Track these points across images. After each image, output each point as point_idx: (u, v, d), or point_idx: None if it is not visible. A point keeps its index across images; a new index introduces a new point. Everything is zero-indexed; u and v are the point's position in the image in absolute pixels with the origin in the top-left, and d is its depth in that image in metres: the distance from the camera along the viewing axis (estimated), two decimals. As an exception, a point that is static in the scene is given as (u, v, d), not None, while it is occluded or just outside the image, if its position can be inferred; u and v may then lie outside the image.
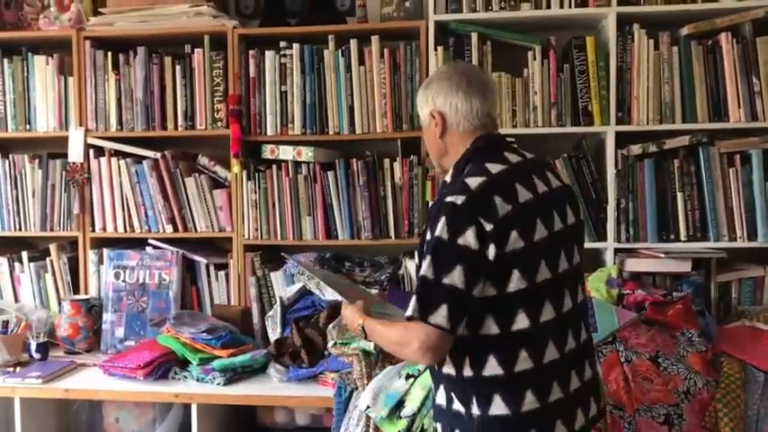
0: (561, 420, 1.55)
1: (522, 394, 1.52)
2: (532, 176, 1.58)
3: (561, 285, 1.57)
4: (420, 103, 1.72)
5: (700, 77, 2.55)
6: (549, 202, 1.58)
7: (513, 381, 1.51)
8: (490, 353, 1.51)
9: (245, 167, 2.76)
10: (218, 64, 2.78)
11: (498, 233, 1.47)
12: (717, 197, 2.54)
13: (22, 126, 2.91)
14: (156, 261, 2.83)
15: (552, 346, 1.53)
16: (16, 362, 2.57)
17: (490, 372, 1.51)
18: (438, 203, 1.53)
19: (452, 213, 1.48)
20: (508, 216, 1.48)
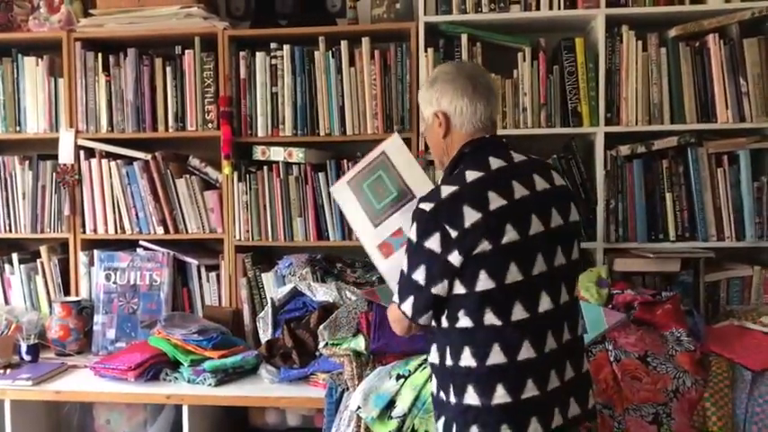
0: (537, 418, 1.59)
1: (493, 387, 1.58)
2: (511, 181, 1.62)
3: (537, 287, 1.60)
4: (423, 102, 1.78)
5: (688, 78, 2.56)
6: (530, 206, 1.61)
7: (484, 373, 1.59)
8: (465, 345, 1.60)
9: (236, 169, 2.76)
10: (208, 65, 2.78)
11: (463, 239, 1.56)
12: (705, 197, 2.56)
13: (12, 127, 2.90)
14: (147, 262, 2.83)
15: (528, 344, 1.58)
16: (7, 364, 2.57)
17: (465, 363, 1.60)
18: (415, 207, 1.66)
19: (421, 218, 1.62)
20: (476, 224, 1.56)
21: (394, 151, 1.93)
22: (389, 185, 1.93)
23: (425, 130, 1.82)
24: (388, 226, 1.94)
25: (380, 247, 1.93)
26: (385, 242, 1.93)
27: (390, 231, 1.92)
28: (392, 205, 1.93)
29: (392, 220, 1.93)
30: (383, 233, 1.94)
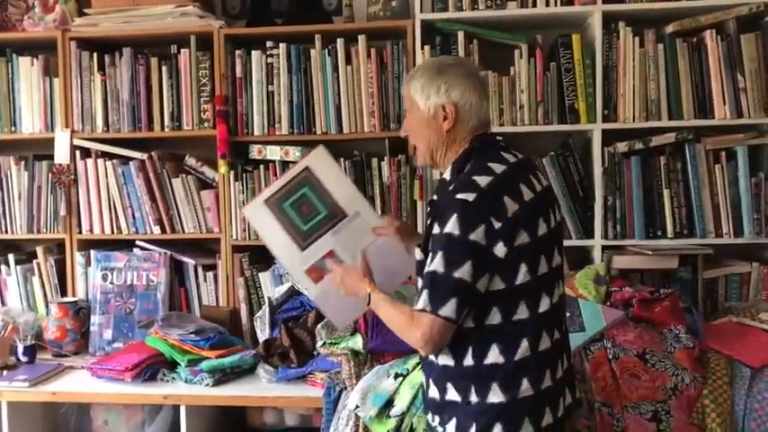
0: (549, 407, 1.63)
1: (519, 382, 1.59)
2: (530, 176, 1.66)
3: (554, 279, 1.65)
4: (423, 91, 1.69)
5: (685, 75, 2.56)
6: (545, 201, 1.67)
7: (511, 369, 1.59)
8: (493, 342, 1.58)
9: (233, 168, 2.75)
10: (204, 64, 2.77)
11: (507, 230, 1.54)
12: (703, 194, 2.56)
13: (7, 128, 2.89)
14: (144, 262, 2.82)
15: (545, 335, 1.62)
16: (3, 365, 2.56)
17: (491, 360, 1.58)
18: (447, 200, 1.58)
19: (464, 210, 1.54)
20: (516, 214, 1.56)
21: (320, 166, 1.73)
22: (317, 204, 1.77)
23: (418, 121, 1.71)
24: (319, 248, 1.81)
25: (309, 271, 1.82)
26: (314, 266, 1.82)
27: (321, 254, 1.80)
28: (322, 225, 1.79)
29: (323, 242, 1.80)
30: (312, 256, 1.83)
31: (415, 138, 1.75)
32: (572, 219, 2.61)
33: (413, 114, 1.73)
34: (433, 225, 1.58)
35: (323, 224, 1.78)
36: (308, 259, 1.82)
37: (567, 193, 2.61)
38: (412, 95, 1.71)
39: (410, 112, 1.74)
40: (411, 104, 1.73)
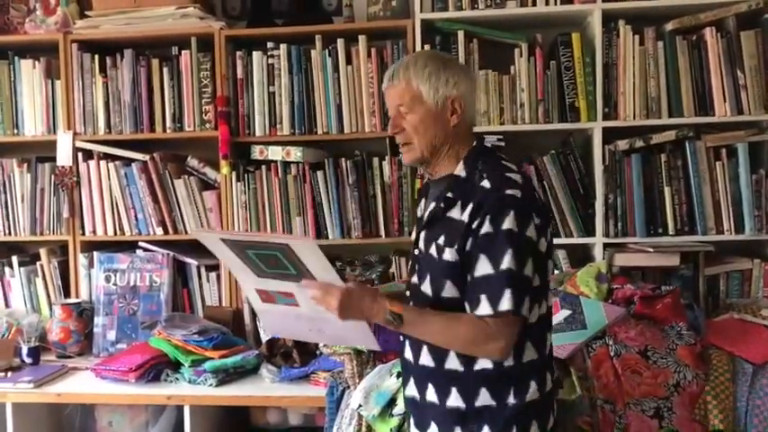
0: (555, 396, 1.69)
1: (545, 377, 1.62)
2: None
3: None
4: (434, 83, 1.60)
5: (685, 72, 2.56)
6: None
7: (542, 364, 1.61)
8: (527, 339, 1.57)
9: (235, 168, 2.76)
10: (205, 65, 2.77)
11: (543, 226, 1.56)
12: (704, 191, 2.56)
13: (9, 130, 2.90)
14: (147, 264, 2.83)
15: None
16: (8, 367, 2.57)
17: (528, 357, 1.58)
18: (493, 197, 1.52)
19: (518, 206, 1.50)
20: (545, 211, 1.61)
21: (303, 250, 1.48)
22: (287, 264, 1.52)
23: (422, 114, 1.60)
24: (279, 286, 1.59)
25: (260, 292, 1.64)
26: (268, 292, 1.63)
27: (279, 290, 1.60)
28: (287, 276, 1.55)
29: (285, 285, 1.57)
30: (268, 285, 1.61)
31: (416, 133, 1.62)
32: (573, 217, 2.62)
33: (415, 107, 1.61)
34: (483, 223, 1.51)
35: (288, 276, 1.55)
36: (264, 285, 1.62)
37: (567, 191, 2.61)
38: (416, 87, 1.60)
39: (410, 105, 1.61)
40: (411, 97, 1.60)
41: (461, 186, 1.59)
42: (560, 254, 2.64)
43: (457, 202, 1.57)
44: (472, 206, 1.53)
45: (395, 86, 1.63)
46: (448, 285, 1.57)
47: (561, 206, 2.61)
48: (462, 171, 1.61)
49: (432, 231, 1.61)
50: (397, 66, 1.65)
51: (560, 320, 2.24)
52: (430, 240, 1.61)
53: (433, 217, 1.62)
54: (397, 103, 1.63)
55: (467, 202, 1.56)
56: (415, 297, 1.66)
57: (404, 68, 1.62)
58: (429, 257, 1.60)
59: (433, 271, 1.60)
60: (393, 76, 1.64)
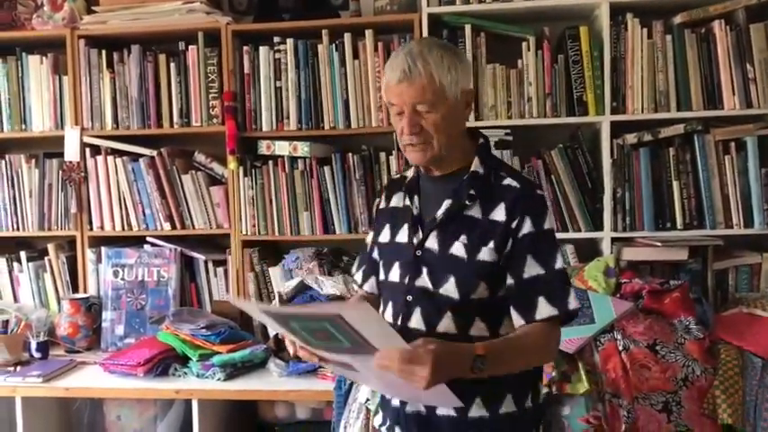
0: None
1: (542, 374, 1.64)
2: None
3: None
4: (454, 75, 1.49)
5: (694, 65, 2.55)
6: None
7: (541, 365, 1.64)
8: None
9: (242, 164, 2.76)
10: (212, 60, 2.77)
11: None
12: (713, 185, 2.55)
13: (17, 126, 2.91)
14: (155, 259, 2.84)
15: None
16: (17, 361, 2.58)
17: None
18: (532, 196, 1.52)
19: (547, 205, 1.55)
20: None
21: (358, 319, 1.27)
22: (339, 337, 1.32)
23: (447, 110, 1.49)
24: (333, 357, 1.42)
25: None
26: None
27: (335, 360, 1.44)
28: (341, 350, 1.36)
29: (340, 357, 1.40)
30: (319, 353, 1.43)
31: (437, 132, 1.50)
32: (581, 211, 2.61)
33: (437, 104, 1.48)
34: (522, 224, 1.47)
35: (341, 348, 1.35)
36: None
37: (575, 185, 2.61)
38: (438, 81, 1.47)
39: (432, 102, 1.47)
40: (434, 93, 1.47)
41: (481, 183, 1.54)
42: (568, 248, 2.63)
43: (477, 199, 1.52)
44: (506, 205, 1.49)
45: (414, 82, 1.47)
46: (481, 287, 1.50)
47: (569, 200, 2.61)
48: (480, 168, 1.55)
49: (449, 230, 1.53)
50: (410, 57, 1.47)
51: (568, 315, 2.24)
52: (449, 240, 1.52)
53: (449, 215, 1.54)
54: (416, 100, 1.48)
55: (493, 200, 1.51)
56: (423, 301, 1.53)
57: (422, 61, 1.46)
58: (451, 258, 1.51)
59: (459, 272, 1.50)
60: (410, 70, 1.46)
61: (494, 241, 1.49)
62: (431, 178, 1.61)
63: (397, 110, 1.52)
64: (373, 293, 1.75)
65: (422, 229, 1.58)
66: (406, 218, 1.62)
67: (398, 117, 1.52)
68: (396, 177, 1.77)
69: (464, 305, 1.50)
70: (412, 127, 1.49)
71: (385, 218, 1.69)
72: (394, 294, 1.59)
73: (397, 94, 1.49)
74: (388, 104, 1.55)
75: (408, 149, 1.54)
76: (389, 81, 1.51)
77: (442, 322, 1.51)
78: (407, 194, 1.63)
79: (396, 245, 1.62)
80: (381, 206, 1.72)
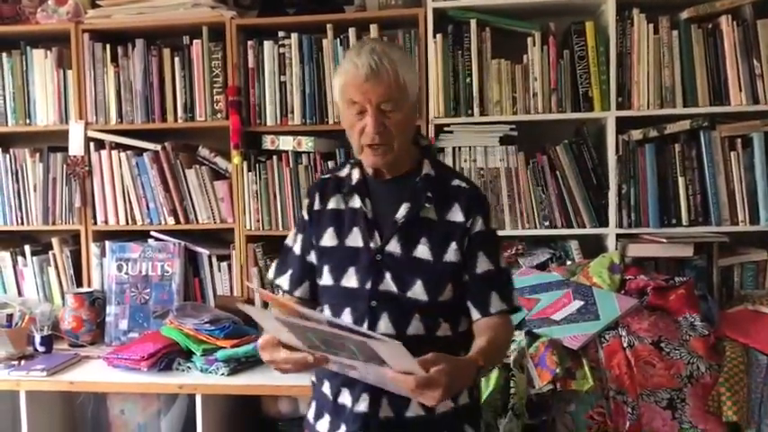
0: None
1: None
2: None
3: None
4: (414, 79, 1.54)
5: (700, 61, 2.53)
6: None
7: None
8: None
9: (246, 158, 2.76)
10: (216, 55, 2.77)
11: None
12: (718, 181, 2.53)
13: (22, 120, 2.91)
14: (159, 253, 2.84)
15: None
16: (21, 355, 2.59)
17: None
18: (479, 196, 1.59)
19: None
20: None
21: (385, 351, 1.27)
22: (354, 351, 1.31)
23: (408, 112, 1.53)
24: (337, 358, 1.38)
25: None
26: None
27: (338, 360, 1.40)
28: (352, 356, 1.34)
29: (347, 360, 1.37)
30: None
31: (399, 133, 1.52)
32: (586, 207, 2.60)
33: (401, 103, 1.50)
34: (474, 223, 1.53)
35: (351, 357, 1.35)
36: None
37: (580, 181, 2.60)
38: (403, 80, 1.49)
39: (397, 101, 1.49)
40: (399, 91, 1.49)
41: (435, 185, 1.57)
42: (572, 244, 2.62)
43: (433, 201, 1.55)
44: (462, 206, 1.55)
45: (381, 80, 1.46)
46: (448, 288, 1.54)
47: (574, 196, 2.60)
48: (431, 170, 1.59)
49: (410, 233, 1.54)
50: (375, 55, 1.47)
51: (573, 311, 2.24)
52: (412, 243, 1.54)
53: (409, 218, 1.55)
54: (382, 99, 1.48)
55: (447, 201, 1.56)
56: (390, 306, 1.52)
57: (387, 59, 1.47)
58: (416, 261, 1.53)
59: (426, 274, 1.52)
60: (377, 68, 1.46)
61: (455, 242, 1.53)
62: (380, 181, 1.60)
63: (358, 108, 1.50)
64: (303, 299, 1.68)
65: (379, 232, 1.56)
66: (356, 221, 1.59)
67: (358, 117, 1.51)
68: (326, 177, 1.69)
69: (432, 307, 1.52)
70: (377, 126, 1.48)
71: (325, 220, 1.63)
72: (353, 301, 1.56)
73: (362, 91, 1.48)
74: (345, 103, 1.53)
75: (368, 151, 1.53)
76: (352, 78, 1.48)
77: (411, 325, 1.52)
78: (359, 197, 1.60)
79: (347, 249, 1.58)
80: (316, 207, 1.66)
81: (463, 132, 2.63)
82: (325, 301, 1.63)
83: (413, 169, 1.59)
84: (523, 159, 2.62)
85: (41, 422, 2.53)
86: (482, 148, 2.63)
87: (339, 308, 1.58)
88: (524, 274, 2.51)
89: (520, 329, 2.18)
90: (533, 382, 2.03)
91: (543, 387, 2.02)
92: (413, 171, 1.59)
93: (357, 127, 1.52)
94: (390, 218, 1.56)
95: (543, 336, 2.13)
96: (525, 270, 2.54)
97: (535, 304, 2.31)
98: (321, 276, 1.62)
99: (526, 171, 2.62)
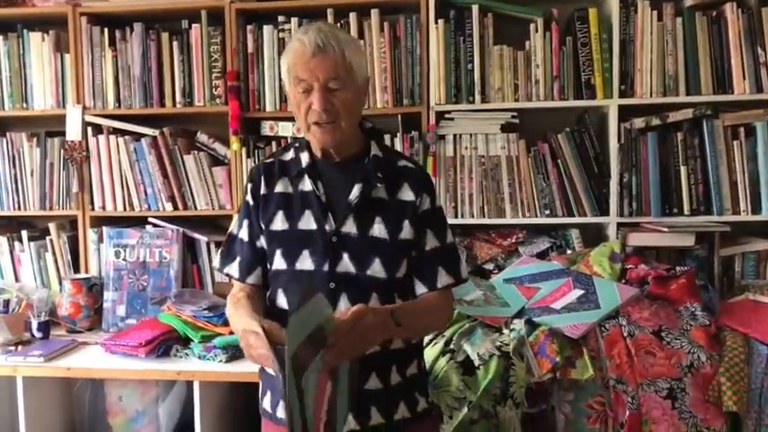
0: None
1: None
2: None
3: None
4: (360, 58, 1.57)
5: (704, 49, 2.51)
6: None
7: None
8: None
9: (245, 144, 2.74)
10: (215, 39, 2.74)
11: None
12: (721, 170, 2.52)
13: (19, 104, 2.88)
14: (157, 239, 2.82)
15: None
16: (18, 341, 2.57)
17: None
18: (425, 176, 1.66)
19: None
20: None
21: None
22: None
23: (355, 94, 1.55)
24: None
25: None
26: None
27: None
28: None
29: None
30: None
31: (346, 112, 1.54)
32: (587, 195, 2.58)
33: (348, 83, 1.52)
34: (422, 201, 1.60)
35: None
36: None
37: (582, 169, 2.58)
38: (349, 60, 1.52)
39: (344, 79, 1.51)
40: (346, 71, 1.51)
41: (384, 166, 1.61)
42: (573, 233, 2.61)
43: (384, 182, 1.60)
44: (411, 185, 1.60)
45: (328, 56, 1.49)
46: (404, 264, 1.59)
47: (575, 185, 2.58)
48: (378, 151, 1.63)
49: (364, 213, 1.57)
50: (322, 33, 1.50)
51: (573, 300, 2.23)
52: (367, 222, 1.57)
53: (364, 199, 1.58)
54: (329, 75, 1.50)
55: (396, 181, 1.60)
56: (349, 286, 1.55)
57: (334, 38, 1.50)
58: (373, 240, 1.56)
59: (383, 253, 1.56)
60: (324, 45, 1.49)
61: (408, 220, 1.58)
62: (329, 164, 1.62)
63: (305, 86, 1.52)
64: (257, 285, 1.67)
65: (333, 214, 1.58)
66: (307, 204, 1.60)
67: (305, 95, 1.53)
68: (270, 161, 1.69)
69: (389, 284, 1.57)
70: (324, 102, 1.51)
71: (272, 204, 1.63)
72: (309, 284, 1.55)
73: (309, 69, 1.50)
74: (292, 82, 1.54)
75: (315, 130, 1.55)
76: (301, 56, 1.51)
77: (369, 303, 1.53)
78: (310, 179, 1.61)
79: (300, 232, 1.59)
80: (262, 192, 1.65)
81: (464, 119, 2.61)
82: (278, 285, 1.62)
83: (360, 151, 1.63)
84: (525, 147, 2.60)
85: (39, 408, 2.52)
86: (483, 136, 2.61)
87: (294, 292, 1.57)
88: (524, 262, 2.49)
89: (519, 318, 2.18)
90: (533, 371, 2.02)
91: (543, 376, 2.01)
92: (360, 153, 1.63)
93: (304, 105, 1.54)
94: (343, 199, 1.58)
95: (543, 324, 2.12)
96: (525, 259, 2.52)
97: (535, 293, 2.30)
98: (272, 261, 1.62)
99: (527, 159, 2.60)
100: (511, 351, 2.03)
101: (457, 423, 1.96)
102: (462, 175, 2.63)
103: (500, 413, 1.99)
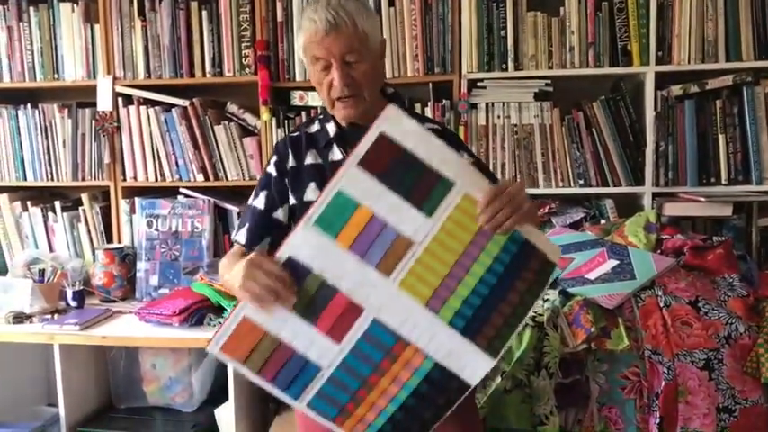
0: None
1: None
2: None
3: None
4: (372, 23, 1.53)
5: (746, 13, 2.44)
6: None
7: None
8: None
9: (275, 115, 2.73)
10: (244, 8, 2.72)
11: None
12: (760, 139, 2.46)
13: (50, 75, 2.90)
14: (188, 210, 2.83)
15: None
16: (54, 309, 2.61)
17: None
18: (455, 134, 1.78)
19: None
20: None
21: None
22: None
23: (374, 62, 1.54)
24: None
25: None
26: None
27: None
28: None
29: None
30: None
31: (367, 83, 1.53)
32: (622, 165, 2.54)
33: (364, 54, 1.51)
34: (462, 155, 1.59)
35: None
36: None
37: (617, 138, 2.54)
38: (362, 30, 1.49)
39: (360, 52, 1.50)
40: (360, 42, 1.49)
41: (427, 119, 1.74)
42: (607, 203, 2.57)
43: None
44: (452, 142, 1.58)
45: (341, 32, 1.47)
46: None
47: (610, 154, 2.54)
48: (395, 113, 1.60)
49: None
50: (331, 8, 1.47)
51: (608, 270, 2.20)
52: None
53: None
54: (345, 50, 1.49)
55: None
56: None
57: (344, 11, 1.47)
58: None
59: None
60: (336, 21, 1.46)
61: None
62: (355, 131, 1.56)
63: (323, 64, 1.51)
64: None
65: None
66: None
67: (324, 72, 1.52)
68: (296, 135, 1.66)
69: None
70: (345, 78, 1.50)
71: (304, 176, 1.61)
72: None
73: (324, 47, 1.49)
74: (310, 61, 1.53)
75: (338, 105, 1.55)
76: (314, 35, 1.49)
77: None
78: (339, 148, 1.59)
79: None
80: (291, 164, 1.62)
81: (497, 88, 2.57)
82: None
83: None
84: (558, 116, 2.56)
85: (75, 375, 2.56)
86: (516, 104, 2.57)
87: None
88: (557, 233, 2.47)
89: (553, 289, 2.16)
90: (567, 341, 2.01)
91: (577, 346, 1.99)
92: None
93: (325, 82, 1.53)
94: None
95: (578, 295, 2.10)
96: (558, 229, 2.50)
97: (569, 263, 2.27)
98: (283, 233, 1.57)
99: (561, 128, 2.56)
100: (545, 321, 2.02)
101: (490, 392, 1.96)
102: (494, 145, 2.59)
103: (533, 383, 1.98)
